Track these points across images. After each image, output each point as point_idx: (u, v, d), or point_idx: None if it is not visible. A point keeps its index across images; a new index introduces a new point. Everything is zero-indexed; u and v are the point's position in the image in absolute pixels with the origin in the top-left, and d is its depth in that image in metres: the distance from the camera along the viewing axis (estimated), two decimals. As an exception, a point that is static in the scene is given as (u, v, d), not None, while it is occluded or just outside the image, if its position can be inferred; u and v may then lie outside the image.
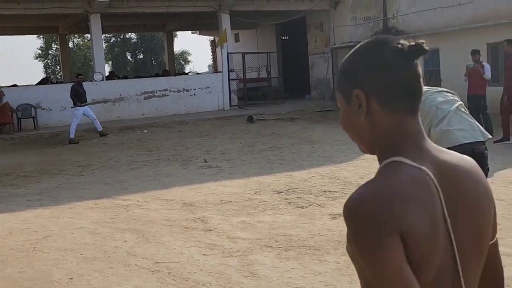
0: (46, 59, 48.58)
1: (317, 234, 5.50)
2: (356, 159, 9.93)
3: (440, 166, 1.23)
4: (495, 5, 15.51)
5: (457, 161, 1.28)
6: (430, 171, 1.20)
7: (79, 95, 15.28)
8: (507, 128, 11.09)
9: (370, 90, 1.26)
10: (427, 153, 1.24)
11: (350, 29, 21.19)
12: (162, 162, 10.83)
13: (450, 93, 4.12)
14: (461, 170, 1.26)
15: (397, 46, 1.23)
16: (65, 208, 7.26)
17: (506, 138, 11.14)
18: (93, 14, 18.38)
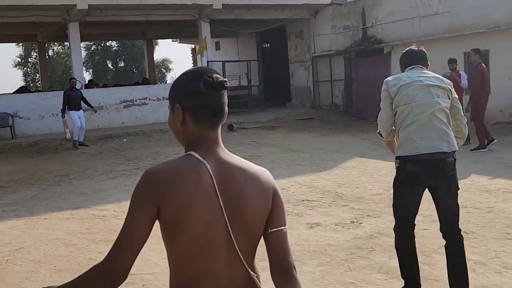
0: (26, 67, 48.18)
1: (294, 244, 5.48)
2: (335, 168, 9.98)
3: (220, 163, 1.78)
4: (471, 15, 15.73)
5: (238, 163, 1.83)
6: (210, 165, 1.75)
7: (71, 99, 15.10)
8: (482, 136, 11.17)
9: (186, 107, 1.80)
10: (214, 154, 1.79)
11: (330, 38, 21.32)
12: (141, 172, 10.71)
13: (440, 88, 3.88)
14: (237, 169, 1.81)
15: (208, 80, 1.75)
16: (40, 219, 7.17)
17: (482, 147, 11.25)
18: (72, 22, 18.25)
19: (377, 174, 9.05)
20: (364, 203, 7.11)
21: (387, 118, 4.00)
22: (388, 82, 4.03)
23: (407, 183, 3.89)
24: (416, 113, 3.82)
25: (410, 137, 3.81)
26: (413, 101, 3.84)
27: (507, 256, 4.83)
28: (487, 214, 6.21)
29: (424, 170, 3.80)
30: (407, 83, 3.91)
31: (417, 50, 4.21)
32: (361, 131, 15.98)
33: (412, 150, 3.81)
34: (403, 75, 4.07)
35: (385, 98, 4.01)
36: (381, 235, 5.62)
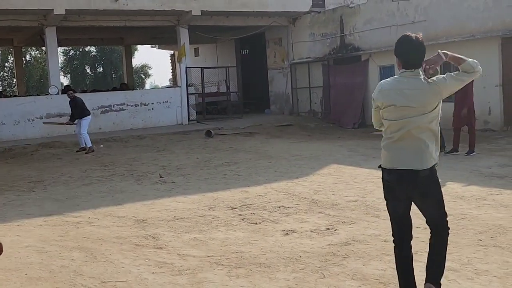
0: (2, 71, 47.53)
1: (269, 251, 5.48)
2: (312, 175, 10.00)
3: None
4: (447, 23, 15.96)
5: None
6: None
7: (72, 109, 15.13)
8: (458, 141, 11.49)
9: None
10: None
11: (308, 45, 21.44)
12: (117, 178, 10.66)
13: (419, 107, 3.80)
14: None
15: None
16: (12, 226, 7.06)
17: (455, 149, 11.53)
18: (49, 27, 18.11)
19: (353, 181, 9.09)
20: (340, 209, 7.13)
21: (376, 123, 4.16)
22: (374, 94, 4.01)
23: (386, 190, 4.00)
24: (392, 130, 3.87)
25: (385, 151, 3.92)
26: (390, 119, 3.88)
27: (479, 263, 4.88)
28: (460, 221, 6.27)
29: (397, 182, 3.87)
30: (388, 100, 3.88)
31: (416, 48, 3.99)
32: (338, 138, 16.07)
33: (386, 164, 3.91)
34: (388, 85, 3.95)
35: (374, 108, 4.08)
36: (355, 242, 5.64)
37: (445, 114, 12.80)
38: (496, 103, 14.99)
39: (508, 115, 14.94)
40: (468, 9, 15.41)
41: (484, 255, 5.07)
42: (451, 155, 11.45)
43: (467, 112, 11.31)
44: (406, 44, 3.99)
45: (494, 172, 9.34)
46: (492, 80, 14.90)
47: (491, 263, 4.85)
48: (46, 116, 17.66)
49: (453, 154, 11.48)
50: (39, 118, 17.59)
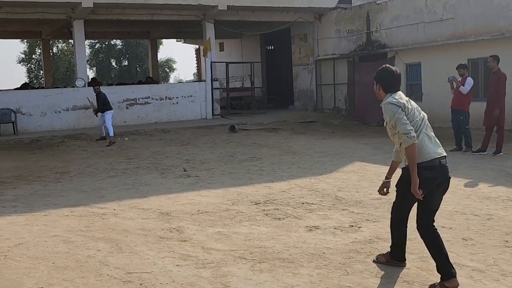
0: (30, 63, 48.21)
1: (292, 247, 5.48)
2: (335, 171, 9.98)
3: None
4: (475, 22, 15.74)
5: None
6: None
7: (98, 102, 15.63)
8: (488, 140, 11.36)
9: None
10: None
11: (334, 41, 21.33)
12: (141, 171, 10.76)
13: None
14: None
15: None
16: (40, 216, 7.17)
17: (483, 150, 11.40)
18: (76, 20, 18.30)
19: (378, 179, 9.03)
20: (364, 207, 7.11)
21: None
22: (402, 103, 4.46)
23: (434, 181, 4.47)
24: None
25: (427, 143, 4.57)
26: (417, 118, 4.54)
27: (505, 264, 4.83)
28: (487, 222, 6.20)
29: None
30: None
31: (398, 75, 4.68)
32: (362, 136, 15.99)
33: (435, 154, 4.50)
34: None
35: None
36: (379, 240, 5.62)
37: (474, 113, 12.76)
38: (525, 103, 14.74)
39: (536, 115, 14.68)
40: (497, 7, 15.17)
41: (510, 256, 5.01)
42: (478, 155, 11.32)
43: (499, 112, 11.15)
44: (388, 73, 4.72)
45: (521, 173, 9.21)
46: (521, 79, 14.64)
47: (517, 265, 4.79)
48: (72, 108, 17.89)
49: (480, 154, 11.34)
50: (66, 110, 17.83)
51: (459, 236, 5.64)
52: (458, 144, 12.05)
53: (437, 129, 14.91)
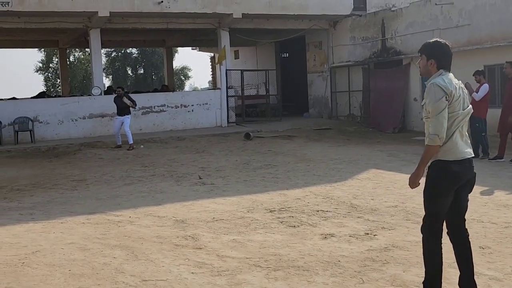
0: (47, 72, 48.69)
1: (307, 254, 5.47)
2: (350, 179, 9.94)
3: None
4: (491, 28, 15.64)
5: None
6: None
7: (117, 106, 15.94)
8: (504, 147, 11.26)
9: None
10: None
11: (348, 49, 21.32)
12: (157, 178, 10.81)
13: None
14: None
15: None
16: (56, 223, 7.24)
17: (500, 157, 11.30)
18: (93, 29, 18.50)
19: (393, 186, 9.00)
20: (379, 215, 7.07)
21: (445, 128, 4.07)
22: (448, 88, 4.03)
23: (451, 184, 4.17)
24: (459, 120, 4.13)
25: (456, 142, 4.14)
26: (459, 109, 4.11)
27: (523, 273, 4.78)
28: (504, 230, 6.14)
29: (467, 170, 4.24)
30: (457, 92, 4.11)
31: (450, 52, 4.24)
32: (378, 143, 15.92)
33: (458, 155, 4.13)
34: (449, 80, 4.09)
35: (443, 108, 4.04)
36: (395, 248, 5.59)
37: (490, 120, 12.66)
38: (542, 110, 14.58)
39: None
40: (514, 13, 15.07)
41: (528, 265, 4.95)
42: (495, 162, 11.22)
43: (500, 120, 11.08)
44: (445, 48, 4.20)
45: (539, 180, 9.11)
46: (538, 86, 14.51)
47: (535, 274, 4.74)
48: (88, 116, 18.06)
49: (497, 161, 11.24)
50: (82, 118, 18.02)
51: (476, 244, 5.59)
52: (475, 151, 11.93)
53: (453, 136, 14.87)
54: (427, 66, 4.16)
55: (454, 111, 4.01)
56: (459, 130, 4.06)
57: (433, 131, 3.95)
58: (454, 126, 4.03)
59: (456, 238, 4.24)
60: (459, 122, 4.05)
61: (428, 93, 4.02)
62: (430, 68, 4.15)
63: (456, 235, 4.24)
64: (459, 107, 4.04)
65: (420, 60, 4.23)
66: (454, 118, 4.02)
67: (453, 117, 4.01)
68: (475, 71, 12.05)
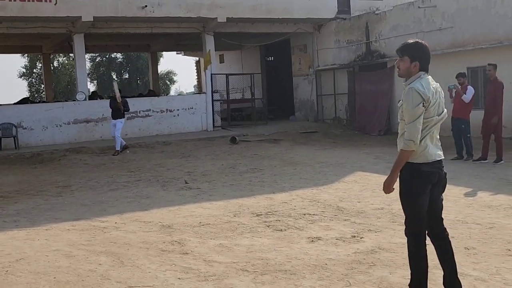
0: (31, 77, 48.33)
1: (294, 258, 5.47)
2: (337, 182, 9.97)
3: None
4: (474, 31, 15.79)
5: None
6: None
7: (112, 109, 15.72)
8: (488, 149, 11.37)
9: None
10: None
11: (333, 52, 21.40)
12: (143, 183, 10.76)
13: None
14: None
15: None
16: (41, 230, 7.17)
17: (484, 158, 11.41)
18: (77, 34, 18.39)
19: (379, 188, 8.97)
20: (366, 217, 7.09)
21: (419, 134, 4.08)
22: (426, 93, 4.02)
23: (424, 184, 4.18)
24: (431, 125, 4.13)
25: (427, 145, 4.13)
26: (434, 115, 4.11)
27: (508, 273, 4.81)
28: (489, 230, 6.18)
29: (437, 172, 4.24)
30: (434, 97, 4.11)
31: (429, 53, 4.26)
32: (364, 145, 15.98)
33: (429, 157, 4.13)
34: (427, 85, 4.08)
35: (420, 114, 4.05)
36: (382, 250, 5.60)
37: (474, 121, 12.77)
38: (525, 111, 14.73)
39: (537, 123, 14.67)
40: (495, 16, 15.22)
41: (513, 265, 4.99)
42: (479, 163, 11.32)
43: (497, 120, 11.16)
44: (427, 49, 4.19)
45: (523, 181, 9.20)
46: (521, 87, 14.67)
47: (520, 274, 4.77)
48: (73, 122, 17.93)
49: (481, 162, 11.34)
50: (67, 123, 17.88)
51: (461, 245, 5.62)
52: (459, 153, 12.04)
53: (438, 138, 14.95)
54: (410, 68, 4.13)
55: (429, 117, 4.05)
56: (430, 134, 4.09)
57: (408, 136, 3.98)
58: (426, 130, 4.06)
59: (436, 238, 4.27)
60: (431, 127, 4.08)
61: (406, 98, 4.03)
62: (413, 70, 4.13)
63: (435, 235, 4.27)
64: (434, 112, 4.07)
65: (398, 61, 4.19)
66: (428, 123, 4.05)
67: (427, 122, 4.05)
68: (458, 73, 12.16)
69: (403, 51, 4.17)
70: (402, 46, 4.21)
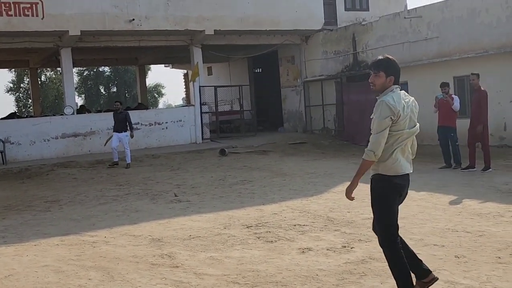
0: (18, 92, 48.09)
1: (285, 269, 5.46)
2: (326, 192, 9.98)
3: None
4: (460, 40, 15.95)
5: None
6: None
7: (114, 121, 15.77)
8: (474, 157, 11.44)
9: None
10: None
11: (321, 63, 21.51)
12: (132, 197, 10.71)
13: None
14: None
15: None
16: (29, 246, 7.10)
17: (472, 166, 11.47)
18: (64, 48, 18.35)
19: (368, 198, 9.02)
20: (356, 227, 7.10)
21: (382, 147, 4.25)
22: (395, 109, 4.16)
23: (395, 195, 4.42)
24: (403, 138, 4.27)
25: (399, 158, 4.27)
26: (404, 129, 4.22)
27: (498, 280, 4.82)
28: (479, 238, 6.21)
29: (406, 185, 4.47)
30: (405, 111, 4.24)
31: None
32: (352, 155, 16.01)
33: (399, 170, 4.29)
34: (399, 99, 4.22)
35: (386, 126, 4.20)
36: (372, 260, 5.61)
37: (461, 130, 12.86)
38: (512, 119, 14.89)
39: (523, 130, 14.82)
40: (481, 25, 15.39)
41: (503, 273, 5.00)
42: (467, 172, 11.38)
43: (482, 128, 11.25)
44: (398, 64, 4.34)
45: (511, 188, 9.25)
46: (507, 95, 14.84)
47: (511, 281, 4.79)
48: (61, 136, 17.84)
49: (469, 171, 11.41)
50: (55, 138, 17.79)
51: (451, 253, 5.64)
52: (447, 162, 12.12)
53: (426, 147, 15.08)
54: (386, 82, 4.27)
55: (398, 130, 4.16)
56: (401, 147, 4.22)
57: (371, 147, 4.17)
58: (396, 143, 4.19)
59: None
60: (402, 140, 4.20)
61: (378, 109, 4.18)
62: (388, 84, 4.27)
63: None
64: (404, 125, 4.18)
65: (373, 77, 4.31)
66: (397, 136, 4.18)
67: (397, 135, 4.17)
68: (442, 83, 12.26)
69: (378, 67, 4.29)
70: (376, 62, 4.33)
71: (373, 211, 4.38)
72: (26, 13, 16.50)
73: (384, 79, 4.25)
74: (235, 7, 19.54)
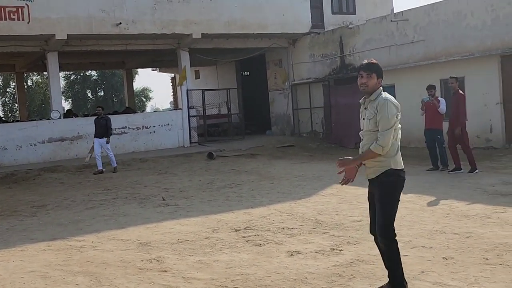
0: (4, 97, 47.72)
1: (274, 273, 5.45)
2: (314, 195, 9.99)
3: None
4: (446, 43, 16.06)
5: None
6: None
7: (96, 127, 15.65)
8: (458, 158, 11.53)
9: None
10: None
11: (308, 66, 21.56)
12: (119, 201, 10.65)
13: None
14: None
15: None
16: (16, 251, 7.03)
17: (458, 168, 11.55)
18: (50, 52, 18.23)
19: (357, 201, 9.07)
20: (344, 230, 7.11)
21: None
22: (398, 108, 4.50)
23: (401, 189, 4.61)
24: (399, 137, 4.61)
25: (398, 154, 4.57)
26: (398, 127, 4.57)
27: (486, 281, 4.85)
28: (466, 240, 6.24)
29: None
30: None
31: None
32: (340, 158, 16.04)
33: (400, 165, 4.56)
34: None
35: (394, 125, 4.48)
36: (361, 262, 5.61)
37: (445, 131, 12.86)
38: (498, 121, 14.99)
39: (509, 132, 14.93)
40: (466, 28, 15.52)
41: (491, 274, 5.03)
42: (454, 174, 11.45)
43: (460, 131, 11.37)
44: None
45: (497, 190, 9.32)
46: (493, 98, 14.95)
47: (498, 282, 4.81)
48: (48, 141, 17.72)
49: (456, 173, 11.48)
50: (41, 142, 17.66)
51: (439, 255, 5.66)
52: (434, 164, 12.18)
53: (413, 149, 15.17)
54: (377, 84, 4.51)
55: (398, 126, 4.50)
56: (398, 144, 4.54)
57: (382, 143, 4.36)
58: (398, 139, 4.50)
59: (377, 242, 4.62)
60: (399, 136, 4.53)
61: (384, 108, 4.40)
62: (378, 86, 4.52)
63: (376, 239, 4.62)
64: (399, 123, 4.52)
65: (366, 78, 4.50)
66: (397, 132, 4.49)
67: (397, 131, 4.48)
68: (428, 85, 12.34)
69: (371, 69, 4.52)
70: (369, 65, 4.55)
71: (381, 206, 4.47)
72: (12, 17, 16.38)
73: (375, 80, 4.50)
74: (222, 10, 19.54)
